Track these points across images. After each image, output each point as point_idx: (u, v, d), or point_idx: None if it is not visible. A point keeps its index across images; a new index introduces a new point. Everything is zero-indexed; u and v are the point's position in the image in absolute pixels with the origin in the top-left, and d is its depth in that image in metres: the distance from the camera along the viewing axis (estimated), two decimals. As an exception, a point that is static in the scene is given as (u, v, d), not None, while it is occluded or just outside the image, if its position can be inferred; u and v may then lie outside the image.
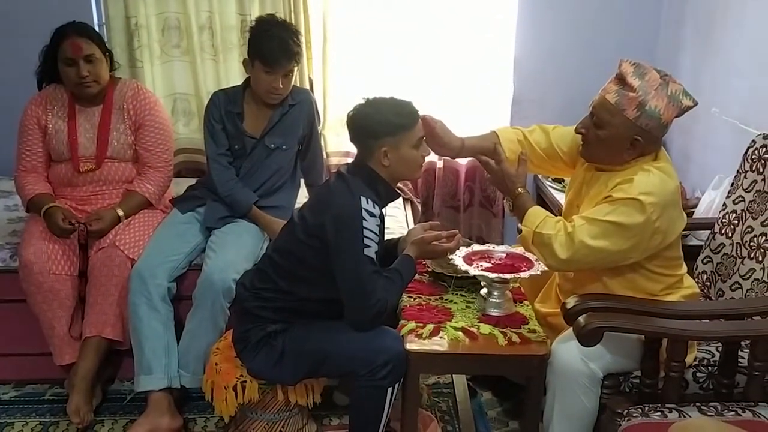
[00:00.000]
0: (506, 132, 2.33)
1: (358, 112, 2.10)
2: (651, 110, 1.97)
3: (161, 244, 2.61)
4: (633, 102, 1.97)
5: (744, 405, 1.89)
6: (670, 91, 1.98)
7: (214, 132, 2.71)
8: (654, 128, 1.99)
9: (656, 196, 1.95)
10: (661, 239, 2.00)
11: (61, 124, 2.70)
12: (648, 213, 1.94)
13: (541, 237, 2.04)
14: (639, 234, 1.96)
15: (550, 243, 2.02)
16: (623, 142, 2.02)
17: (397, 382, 2.07)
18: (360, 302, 2.03)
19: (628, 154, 2.04)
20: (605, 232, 1.97)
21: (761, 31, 2.69)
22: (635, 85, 1.97)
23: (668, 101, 1.98)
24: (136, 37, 3.34)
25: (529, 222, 2.08)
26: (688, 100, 2.01)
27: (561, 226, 2.03)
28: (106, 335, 2.54)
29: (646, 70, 2.00)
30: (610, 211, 1.97)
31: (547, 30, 3.50)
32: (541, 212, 2.10)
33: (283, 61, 2.58)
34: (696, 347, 2.10)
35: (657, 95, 1.97)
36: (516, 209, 2.17)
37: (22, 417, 2.62)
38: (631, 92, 1.98)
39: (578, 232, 1.98)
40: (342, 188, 2.08)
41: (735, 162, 2.45)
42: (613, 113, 2.00)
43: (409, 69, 3.51)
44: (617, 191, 1.99)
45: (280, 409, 2.25)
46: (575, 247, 1.99)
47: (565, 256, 2.00)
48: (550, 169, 2.39)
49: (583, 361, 1.97)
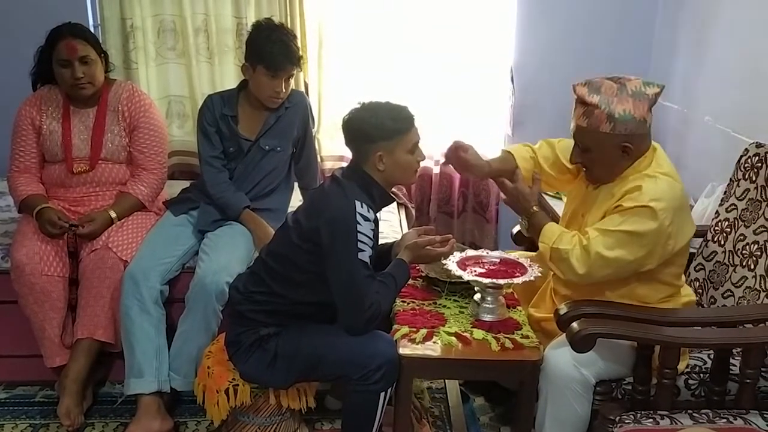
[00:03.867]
0: (520, 151, 2.36)
1: (353, 116, 2.10)
2: (621, 115, 1.99)
3: (154, 246, 2.61)
4: (602, 117, 1.99)
5: (736, 412, 1.90)
6: (631, 90, 2.00)
7: (207, 135, 2.71)
8: (634, 129, 2.01)
9: (666, 201, 1.97)
10: (673, 244, 2.01)
11: (55, 125, 2.69)
12: (660, 219, 1.95)
13: (558, 252, 2.05)
14: (653, 241, 1.97)
15: (568, 258, 2.03)
16: (614, 153, 2.04)
17: (390, 386, 2.06)
18: (353, 306, 2.03)
19: (626, 160, 2.05)
20: (620, 241, 1.98)
21: (754, 40, 2.71)
22: (595, 101, 2.00)
23: (633, 100, 2.00)
24: (132, 39, 3.33)
25: (546, 238, 2.09)
26: (653, 88, 2.03)
27: (576, 240, 2.04)
28: (98, 337, 2.54)
29: (599, 84, 2.03)
30: (623, 220, 1.98)
31: (544, 37, 3.53)
32: (556, 228, 2.11)
33: (287, 65, 2.59)
34: (688, 354, 2.10)
35: (620, 100, 1.99)
36: (532, 227, 2.19)
37: (12, 419, 2.61)
38: (595, 109, 2.00)
39: (593, 244, 1.99)
40: (337, 192, 2.08)
41: (728, 170, 2.46)
42: (591, 134, 2.03)
43: (405, 74, 3.50)
44: (627, 200, 2.00)
45: (272, 413, 2.25)
46: (592, 260, 2.00)
47: (583, 270, 2.01)
48: (556, 184, 2.40)
49: (576, 367, 1.98)
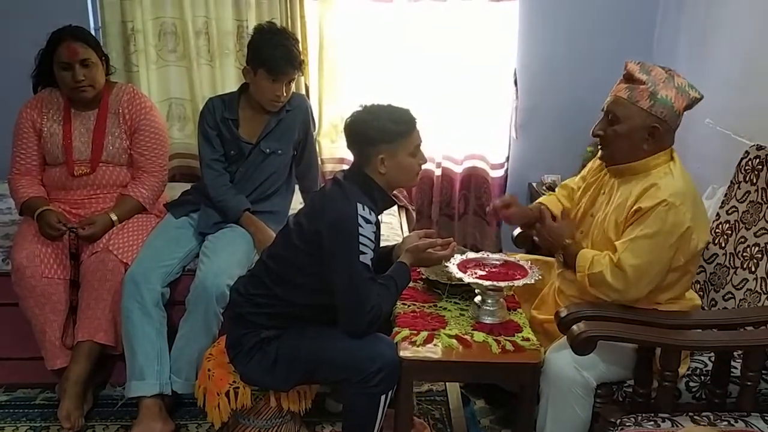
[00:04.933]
0: (549, 200, 2.45)
1: (355, 119, 2.10)
2: (663, 98, 2.03)
3: (155, 249, 2.61)
4: (644, 93, 2.04)
5: (737, 415, 1.90)
6: (677, 84, 2.06)
7: (208, 138, 2.71)
8: (668, 116, 2.04)
9: (683, 196, 2.00)
10: (697, 239, 2.02)
11: (56, 128, 2.69)
12: (681, 212, 1.97)
13: (594, 277, 2.06)
14: (677, 235, 1.98)
15: (604, 279, 2.03)
16: (641, 132, 2.06)
17: (391, 389, 2.06)
18: (354, 309, 2.02)
19: (648, 144, 2.07)
20: (647, 245, 1.99)
21: (755, 42, 2.71)
22: (644, 78, 2.05)
23: (677, 92, 2.05)
24: (133, 42, 3.33)
25: (581, 267, 2.10)
26: (695, 92, 2.08)
27: (608, 260, 2.04)
28: (99, 340, 2.54)
29: (651, 67, 2.08)
30: (645, 224, 1.99)
31: (547, 40, 3.54)
32: (588, 254, 2.11)
33: (289, 69, 2.59)
34: (689, 357, 2.10)
35: (665, 86, 2.04)
36: (567, 260, 2.20)
37: (12, 422, 2.60)
38: (641, 85, 2.05)
39: (624, 259, 2.00)
40: (338, 194, 2.08)
41: (729, 172, 2.46)
42: (628, 107, 2.06)
43: (407, 76, 3.49)
44: (645, 200, 2.01)
45: (272, 415, 2.25)
46: (627, 274, 2.00)
47: (622, 287, 2.01)
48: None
49: (577, 369, 1.98)
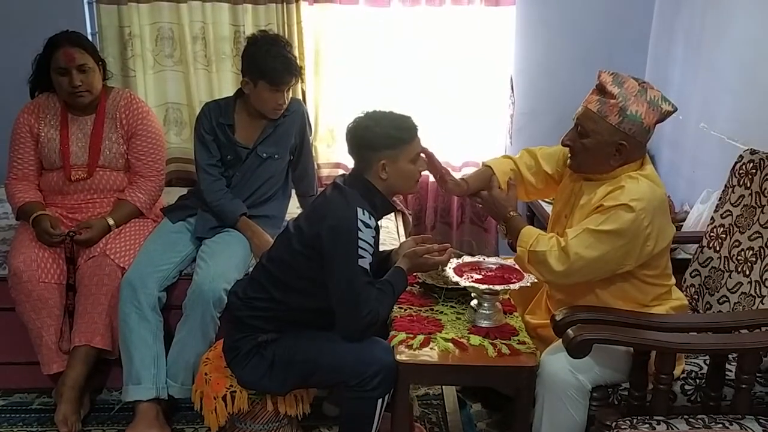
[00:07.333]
0: (499, 163, 2.36)
1: (357, 125, 2.11)
2: (632, 115, 2.00)
3: (152, 253, 2.61)
4: (614, 108, 2.01)
5: (732, 418, 1.90)
6: (649, 97, 2.03)
7: (204, 143, 2.71)
8: (637, 132, 2.02)
9: (646, 201, 1.98)
10: (653, 245, 2.01)
11: (53, 133, 2.70)
12: (639, 218, 1.96)
13: (536, 255, 2.05)
14: (632, 240, 1.98)
15: (545, 259, 2.03)
16: (609, 148, 2.04)
17: (388, 393, 2.06)
18: (352, 312, 2.03)
19: (615, 160, 2.06)
20: (599, 241, 1.98)
21: (749, 47, 2.73)
22: (615, 92, 2.01)
23: (648, 106, 2.02)
24: (130, 47, 3.34)
25: (523, 242, 2.09)
26: (668, 105, 2.05)
27: (554, 242, 2.04)
28: (95, 344, 2.53)
29: (624, 79, 2.05)
30: (603, 220, 1.99)
31: (543, 45, 3.57)
32: (533, 231, 2.11)
33: (290, 78, 2.61)
34: (684, 360, 2.11)
35: (637, 101, 2.01)
36: (509, 232, 2.19)
37: (8, 426, 2.60)
38: (611, 99, 2.01)
39: (572, 245, 2.00)
40: (339, 199, 2.09)
41: (723, 176, 2.47)
42: (597, 121, 2.04)
43: (403, 81, 3.51)
44: (608, 200, 2.01)
45: (269, 419, 2.25)
46: (571, 260, 2.00)
47: (562, 270, 2.01)
48: (541, 190, 2.40)
49: (572, 372, 1.98)
